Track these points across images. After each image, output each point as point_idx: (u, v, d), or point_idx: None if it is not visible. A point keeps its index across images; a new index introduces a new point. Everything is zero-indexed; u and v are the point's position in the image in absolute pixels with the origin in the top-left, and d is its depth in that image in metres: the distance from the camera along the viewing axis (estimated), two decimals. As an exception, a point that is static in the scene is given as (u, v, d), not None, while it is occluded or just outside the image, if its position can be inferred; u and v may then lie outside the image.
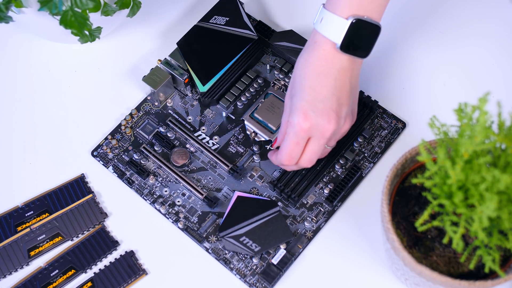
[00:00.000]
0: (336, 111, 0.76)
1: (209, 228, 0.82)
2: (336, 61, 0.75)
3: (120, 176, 0.85)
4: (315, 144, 0.77)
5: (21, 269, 0.81)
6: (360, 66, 0.78)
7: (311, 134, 0.76)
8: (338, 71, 0.75)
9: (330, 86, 0.75)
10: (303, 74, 0.76)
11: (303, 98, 0.75)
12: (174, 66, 0.88)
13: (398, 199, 0.72)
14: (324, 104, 0.75)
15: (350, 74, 0.76)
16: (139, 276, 0.80)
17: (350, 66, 0.76)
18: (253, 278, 0.79)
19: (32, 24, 0.86)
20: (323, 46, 0.75)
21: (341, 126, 0.77)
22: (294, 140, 0.76)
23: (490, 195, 0.60)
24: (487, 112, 0.60)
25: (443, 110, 0.79)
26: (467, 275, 0.69)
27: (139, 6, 0.86)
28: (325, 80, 0.75)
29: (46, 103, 0.91)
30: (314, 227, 0.82)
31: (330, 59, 0.75)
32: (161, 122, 0.88)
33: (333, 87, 0.75)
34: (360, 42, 0.75)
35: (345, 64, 0.76)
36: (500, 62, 0.90)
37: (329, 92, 0.75)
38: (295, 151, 0.77)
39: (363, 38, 0.75)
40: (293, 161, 0.78)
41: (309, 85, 0.76)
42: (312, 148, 0.77)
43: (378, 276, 0.79)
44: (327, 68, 0.75)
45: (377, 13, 0.75)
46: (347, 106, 0.77)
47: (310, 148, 0.77)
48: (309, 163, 0.79)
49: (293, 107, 0.76)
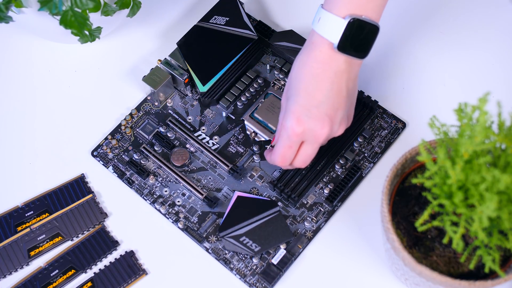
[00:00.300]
0: (330, 116, 0.75)
1: (209, 228, 0.82)
2: (333, 63, 0.74)
3: (120, 176, 0.85)
4: (308, 148, 0.77)
5: (21, 269, 0.81)
6: (358, 68, 0.77)
7: (304, 138, 0.76)
8: (335, 74, 0.75)
9: (325, 90, 0.75)
10: (299, 76, 0.76)
11: (297, 102, 0.75)
12: (174, 66, 0.88)
13: (398, 199, 0.72)
14: (318, 109, 0.75)
15: (347, 77, 0.76)
16: (139, 276, 0.80)
17: (348, 68, 0.75)
18: (253, 278, 0.79)
19: (32, 24, 0.86)
20: (320, 47, 0.75)
21: (336, 131, 0.77)
22: (287, 143, 0.76)
23: (490, 195, 0.60)
24: (487, 112, 0.60)
25: (443, 110, 0.79)
26: (467, 275, 0.69)
27: (139, 6, 0.86)
28: (321, 83, 0.75)
29: (46, 103, 0.91)
30: (314, 227, 0.82)
31: (327, 61, 0.74)
32: (161, 122, 0.88)
33: (328, 91, 0.75)
34: (358, 42, 0.74)
35: (342, 67, 0.75)
36: (500, 62, 0.90)
37: (325, 97, 0.75)
38: (288, 153, 0.77)
39: (361, 38, 0.74)
40: (286, 162, 0.78)
41: (304, 88, 0.75)
42: (306, 152, 0.77)
43: (378, 276, 0.79)
44: (324, 70, 0.74)
45: (375, 13, 0.75)
46: (342, 110, 0.76)
47: (303, 151, 0.77)
48: (303, 164, 0.79)
49: (288, 110, 0.76)
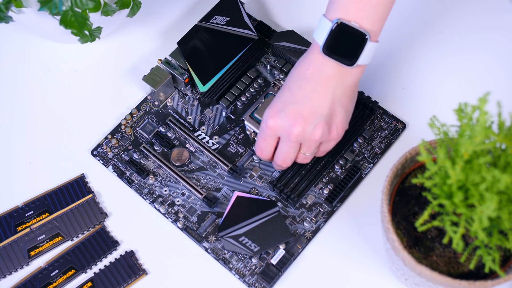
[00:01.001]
0: (305, 117, 0.75)
1: (208, 228, 0.82)
2: (322, 67, 0.75)
3: (119, 175, 0.85)
4: (284, 145, 0.78)
5: (21, 269, 0.81)
6: (352, 79, 0.76)
7: (278, 134, 0.78)
8: (322, 77, 0.75)
9: (307, 90, 0.75)
10: (289, 75, 0.78)
11: (279, 97, 0.77)
12: (174, 65, 0.88)
13: (398, 199, 0.72)
14: (295, 107, 0.76)
15: (336, 83, 0.75)
16: (139, 276, 0.80)
17: (338, 75, 0.75)
18: (252, 278, 0.79)
19: (32, 24, 0.86)
20: (314, 50, 0.76)
21: (309, 132, 0.76)
22: (262, 135, 0.79)
23: (490, 195, 0.60)
24: (487, 112, 0.60)
25: (443, 110, 0.79)
26: (467, 275, 0.69)
27: (139, 6, 0.86)
28: (305, 84, 0.76)
29: (46, 103, 0.91)
30: (314, 227, 0.82)
31: (317, 64, 0.76)
32: (161, 122, 0.88)
33: (310, 92, 0.75)
34: (344, 47, 0.75)
35: (331, 72, 0.75)
36: (500, 62, 0.90)
37: (304, 97, 0.75)
38: (263, 146, 0.80)
39: (347, 43, 0.75)
40: (264, 155, 0.81)
41: (288, 86, 0.77)
42: (282, 149, 0.79)
43: (378, 276, 0.79)
44: (312, 73, 0.76)
45: (369, 22, 0.74)
46: (321, 115, 0.76)
47: (280, 148, 0.79)
48: (283, 163, 0.80)
49: (269, 105, 0.78)
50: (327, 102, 0.76)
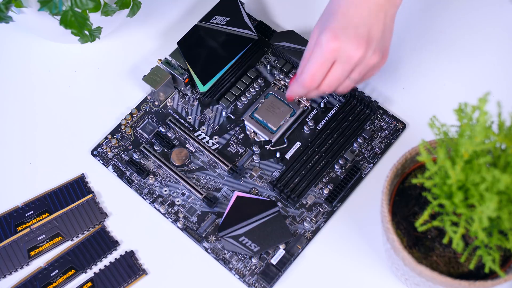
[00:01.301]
0: (367, 40, 0.75)
1: (208, 228, 0.82)
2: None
3: (119, 175, 0.85)
4: (339, 68, 0.77)
5: (21, 269, 0.81)
6: (395, 10, 0.77)
7: (337, 57, 0.76)
8: (375, 4, 0.75)
9: (364, 16, 0.75)
10: (337, 1, 0.77)
11: (335, 21, 0.75)
12: (174, 65, 0.88)
13: (398, 199, 0.72)
14: (355, 30, 0.75)
15: (385, 12, 0.76)
16: (139, 276, 0.80)
17: (387, 3, 0.76)
18: (252, 278, 0.79)
19: (32, 24, 0.86)
20: None
21: (369, 57, 0.76)
22: (319, 60, 0.76)
23: (490, 195, 0.60)
24: (487, 112, 0.60)
25: (443, 110, 0.79)
26: (467, 275, 0.69)
27: (139, 6, 0.86)
28: (360, 9, 0.75)
29: (46, 103, 0.91)
30: (314, 227, 0.82)
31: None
32: (161, 122, 0.88)
33: (367, 18, 0.75)
34: None
35: (381, 0, 0.75)
36: (500, 62, 0.90)
37: (361, 22, 0.75)
38: (319, 72, 0.77)
39: None
40: (315, 83, 0.78)
41: (342, 12, 0.76)
42: (335, 72, 0.77)
43: (378, 276, 0.79)
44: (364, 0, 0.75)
45: None
46: (377, 41, 0.76)
47: (333, 72, 0.77)
48: (329, 89, 0.79)
49: (325, 28, 0.76)
50: (381, 27, 0.76)
